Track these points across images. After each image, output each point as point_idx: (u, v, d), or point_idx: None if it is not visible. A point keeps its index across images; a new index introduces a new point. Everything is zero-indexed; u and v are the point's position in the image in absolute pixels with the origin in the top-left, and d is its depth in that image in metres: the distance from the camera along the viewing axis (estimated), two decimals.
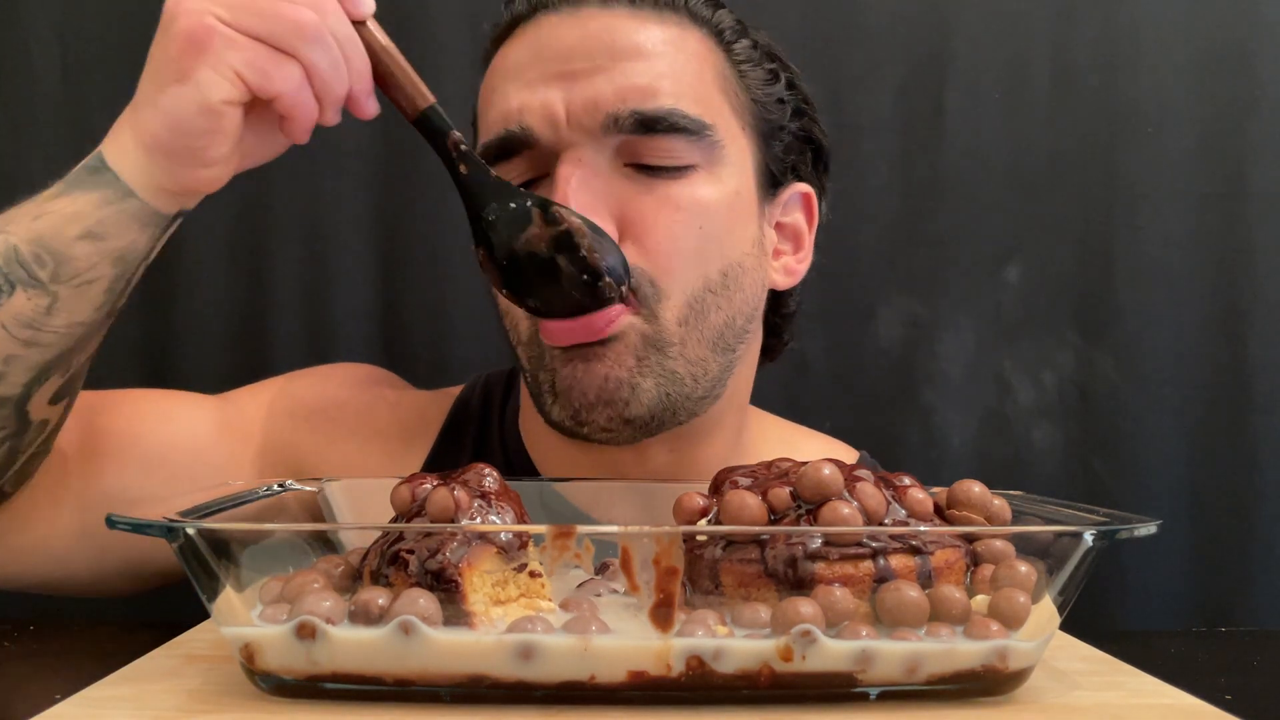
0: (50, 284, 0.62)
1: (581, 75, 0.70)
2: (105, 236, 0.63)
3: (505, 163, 0.73)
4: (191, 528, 0.47)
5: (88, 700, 0.48)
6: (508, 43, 0.76)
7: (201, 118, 0.60)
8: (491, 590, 0.51)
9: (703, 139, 0.71)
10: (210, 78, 0.59)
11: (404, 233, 1.17)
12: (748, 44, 0.77)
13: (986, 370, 1.16)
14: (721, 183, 0.73)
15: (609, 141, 0.71)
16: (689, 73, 0.73)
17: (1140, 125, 1.16)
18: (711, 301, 0.72)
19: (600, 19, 0.72)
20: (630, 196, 0.71)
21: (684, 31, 0.74)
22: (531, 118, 0.71)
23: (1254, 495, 1.15)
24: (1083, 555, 0.49)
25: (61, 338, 0.64)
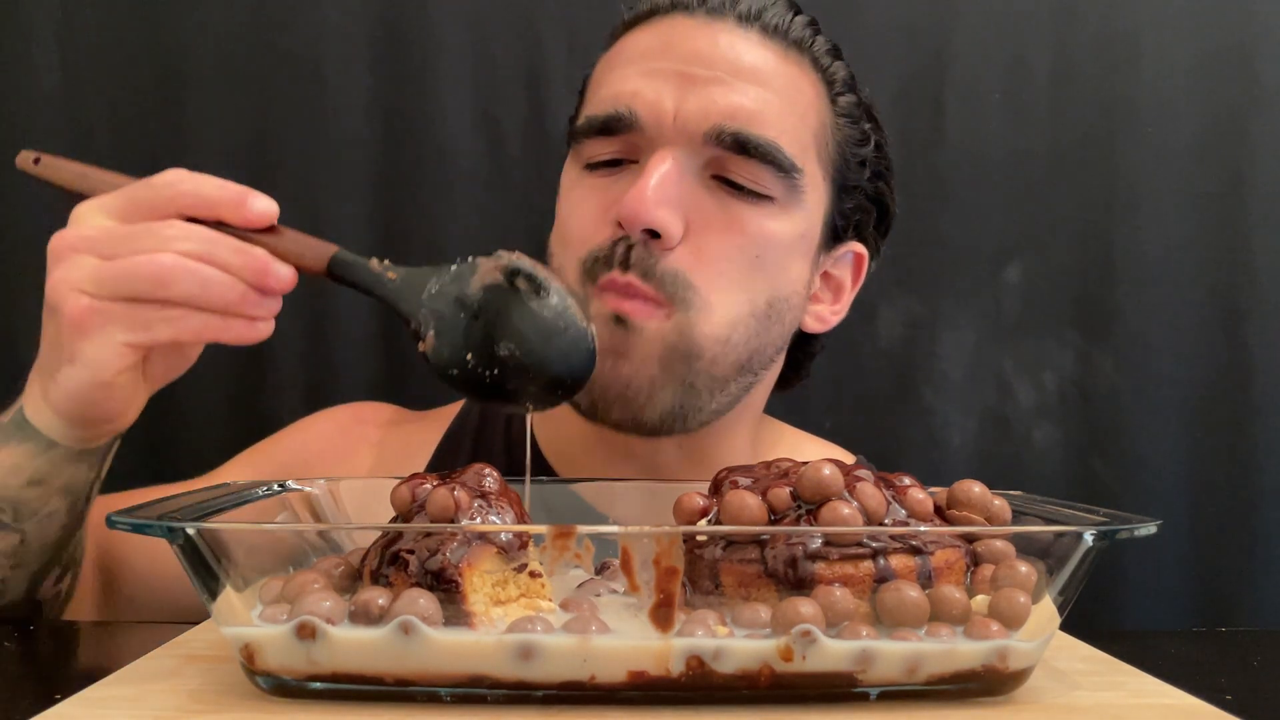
0: (15, 524, 0.67)
1: (700, 81, 0.73)
2: (46, 479, 0.66)
3: (602, 139, 0.75)
4: (191, 528, 0.47)
5: (88, 700, 0.48)
6: (639, 29, 0.78)
7: (97, 391, 0.61)
8: (491, 590, 0.51)
9: (789, 178, 0.74)
10: (97, 356, 0.60)
11: (404, 233, 1.17)
12: (852, 100, 0.81)
13: (986, 370, 1.16)
14: (792, 222, 0.76)
15: (705, 151, 0.73)
16: (796, 114, 0.76)
17: (1140, 125, 1.16)
18: (752, 327, 0.75)
19: (732, 35, 0.75)
20: (705, 207, 0.73)
21: (803, 73, 0.78)
22: (641, 106, 0.73)
23: (1254, 495, 1.15)
24: (1083, 555, 0.49)
25: (39, 555, 0.69)
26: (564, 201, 0.79)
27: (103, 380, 0.61)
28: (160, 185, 0.60)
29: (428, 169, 1.16)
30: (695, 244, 0.72)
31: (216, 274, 0.58)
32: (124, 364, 0.60)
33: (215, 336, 0.60)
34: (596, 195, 0.75)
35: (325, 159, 1.15)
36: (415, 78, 1.15)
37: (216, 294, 0.58)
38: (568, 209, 0.78)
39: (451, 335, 0.58)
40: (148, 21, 1.15)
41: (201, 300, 0.59)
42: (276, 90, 1.15)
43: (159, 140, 1.15)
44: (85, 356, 0.60)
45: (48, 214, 1.15)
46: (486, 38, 1.15)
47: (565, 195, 0.79)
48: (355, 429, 0.93)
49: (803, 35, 0.78)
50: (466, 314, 0.58)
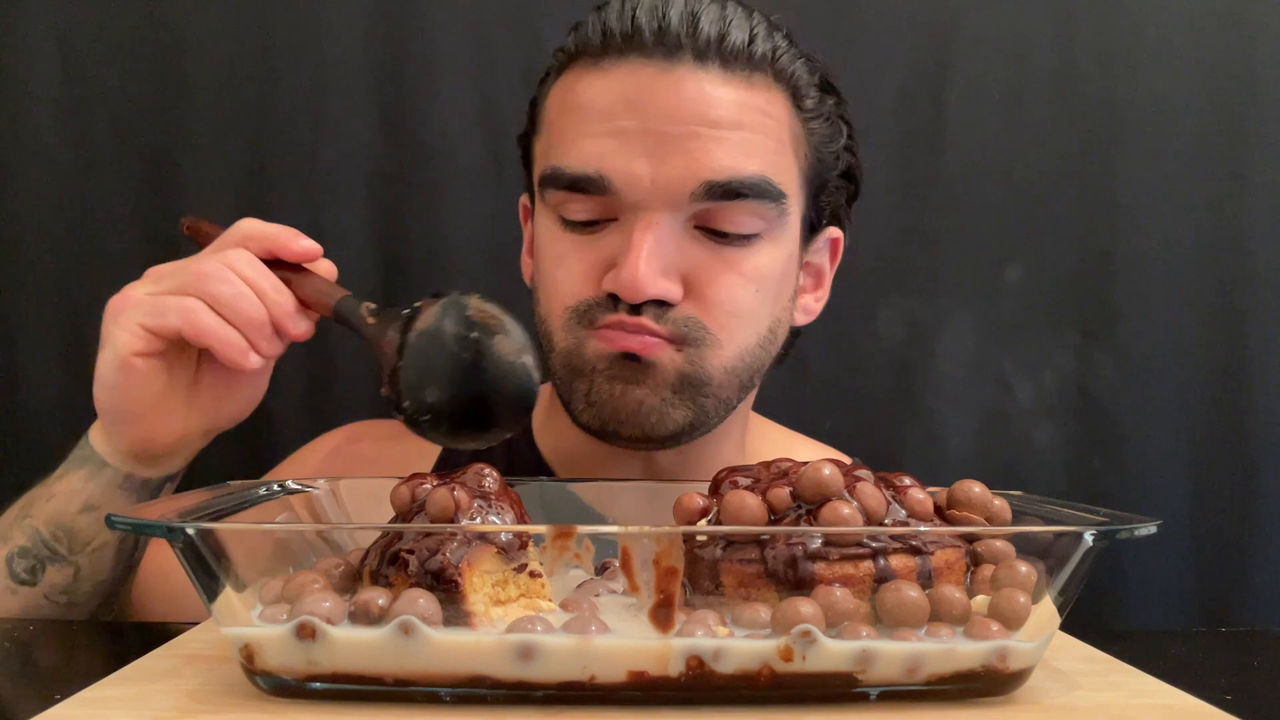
0: (70, 556, 0.71)
1: (672, 140, 0.71)
2: (98, 506, 0.70)
3: (573, 195, 0.74)
4: (191, 528, 0.47)
5: (88, 700, 0.48)
6: (593, 71, 0.75)
7: (117, 373, 0.66)
8: (491, 590, 0.51)
9: (777, 207, 0.74)
10: (119, 336, 0.66)
11: (404, 233, 1.17)
12: (815, 97, 0.79)
13: (986, 370, 1.16)
14: (780, 248, 0.76)
15: (690, 208, 0.72)
16: (772, 141, 0.74)
17: (1140, 125, 1.16)
18: (759, 353, 0.77)
19: (695, 82, 0.72)
20: (698, 259, 0.73)
21: (770, 94, 0.75)
22: (614, 174, 0.71)
23: (1254, 495, 1.15)
24: (1083, 555, 0.49)
25: (92, 596, 0.73)
26: (545, 253, 0.77)
27: (120, 359, 0.65)
28: (233, 229, 0.68)
29: (428, 169, 1.16)
30: (697, 295, 0.73)
31: (249, 291, 0.64)
32: (139, 345, 0.65)
33: (216, 344, 0.64)
34: (581, 253, 0.74)
35: (325, 159, 1.15)
36: (415, 78, 1.15)
37: (241, 307, 0.64)
38: (550, 262, 0.76)
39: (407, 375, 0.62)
40: (148, 21, 1.15)
41: (227, 307, 0.64)
42: (276, 90, 1.15)
43: (159, 140, 1.15)
44: (111, 338, 0.66)
45: (47, 213, 1.15)
46: (486, 38, 1.15)
47: (546, 246, 0.77)
48: (349, 449, 0.93)
49: (764, 50, 0.74)
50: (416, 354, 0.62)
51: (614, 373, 0.73)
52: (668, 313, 0.72)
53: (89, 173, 1.14)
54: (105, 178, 1.14)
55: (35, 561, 0.70)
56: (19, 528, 0.72)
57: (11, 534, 0.72)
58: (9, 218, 1.14)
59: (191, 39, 1.14)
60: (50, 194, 1.15)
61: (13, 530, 0.72)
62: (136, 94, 1.14)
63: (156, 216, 1.14)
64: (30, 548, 0.71)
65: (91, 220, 1.14)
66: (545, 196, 0.76)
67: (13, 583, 0.71)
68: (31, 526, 0.71)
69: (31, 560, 0.70)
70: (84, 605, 0.73)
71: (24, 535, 0.71)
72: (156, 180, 1.15)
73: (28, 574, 0.71)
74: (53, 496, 0.71)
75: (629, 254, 0.70)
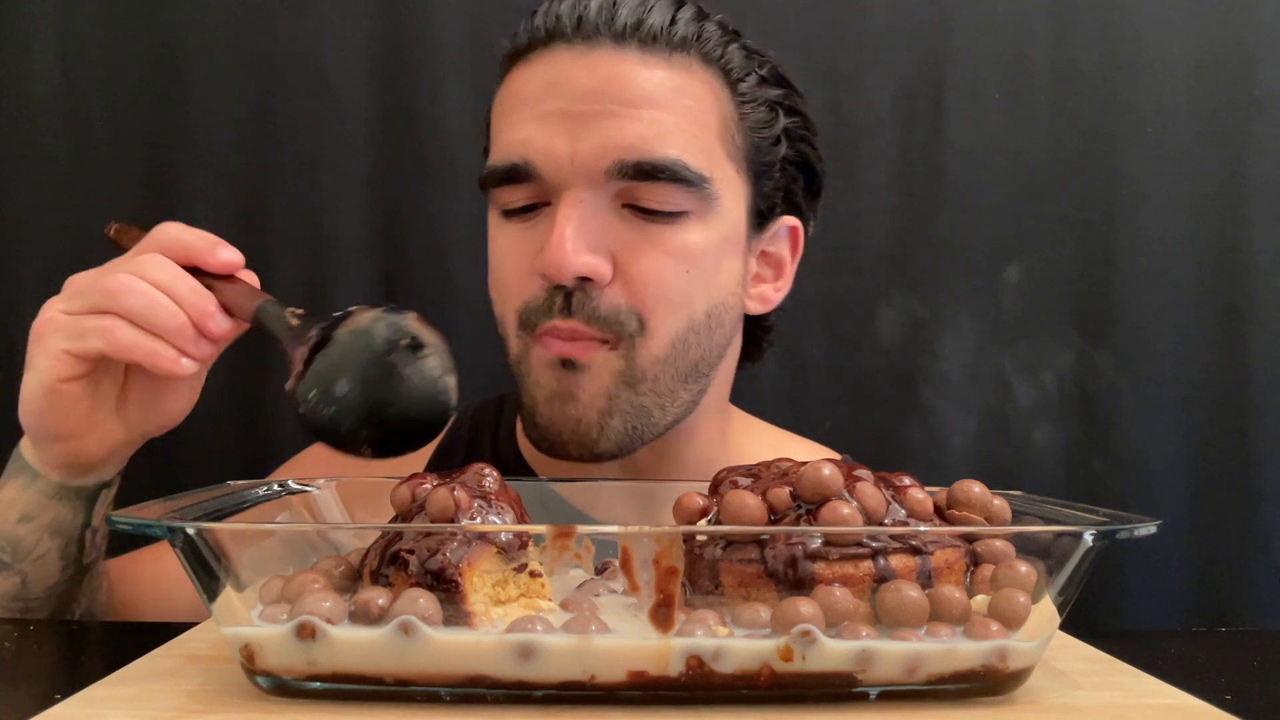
0: (15, 564, 0.71)
1: (589, 119, 0.72)
2: (35, 516, 0.70)
3: (508, 187, 0.75)
4: (191, 528, 0.47)
5: (88, 700, 0.48)
6: (522, 65, 0.77)
7: (43, 398, 0.66)
8: (491, 590, 0.51)
9: (700, 189, 0.73)
10: (43, 362, 0.65)
11: (404, 233, 1.17)
12: (753, 82, 0.78)
13: (986, 370, 1.16)
14: (712, 229, 0.75)
15: (610, 185, 0.73)
16: (693, 122, 0.74)
17: (1140, 125, 1.16)
18: (693, 340, 0.75)
19: (611, 62, 0.73)
20: (625, 238, 0.73)
21: (691, 75, 0.75)
22: (537, 155, 0.72)
23: (1254, 495, 1.15)
24: (1083, 555, 0.49)
25: (45, 600, 0.73)
26: (491, 250, 0.79)
27: (46, 386, 0.65)
28: (151, 235, 0.67)
29: (428, 169, 1.16)
30: (625, 275, 0.73)
31: (164, 299, 0.63)
32: (64, 371, 0.64)
33: (142, 358, 0.63)
34: (518, 245, 0.75)
35: (325, 159, 1.15)
36: (415, 78, 1.15)
37: (159, 317, 0.63)
38: (496, 259, 0.78)
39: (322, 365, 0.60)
40: (148, 21, 1.15)
41: (143, 318, 0.63)
42: (276, 90, 1.15)
43: (159, 140, 1.15)
44: (35, 363, 0.65)
45: (47, 213, 1.15)
46: (486, 38, 1.15)
47: (491, 243, 0.79)
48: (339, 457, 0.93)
49: (686, 34, 0.75)
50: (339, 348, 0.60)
51: (552, 390, 0.74)
52: (598, 305, 0.72)
53: (89, 173, 1.14)
54: (105, 178, 1.14)
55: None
56: None
57: None
58: (9, 217, 1.14)
59: (191, 39, 1.14)
60: (50, 194, 1.15)
61: None
62: (136, 94, 1.14)
63: (156, 216, 1.14)
64: None
65: (91, 220, 1.14)
66: (488, 196, 0.77)
67: None
68: None
69: None
70: (40, 609, 0.73)
71: None
72: (156, 180, 1.15)
73: None
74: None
75: (554, 233, 0.71)
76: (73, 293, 0.66)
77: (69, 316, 0.64)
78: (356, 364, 0.59)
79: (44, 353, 0.65)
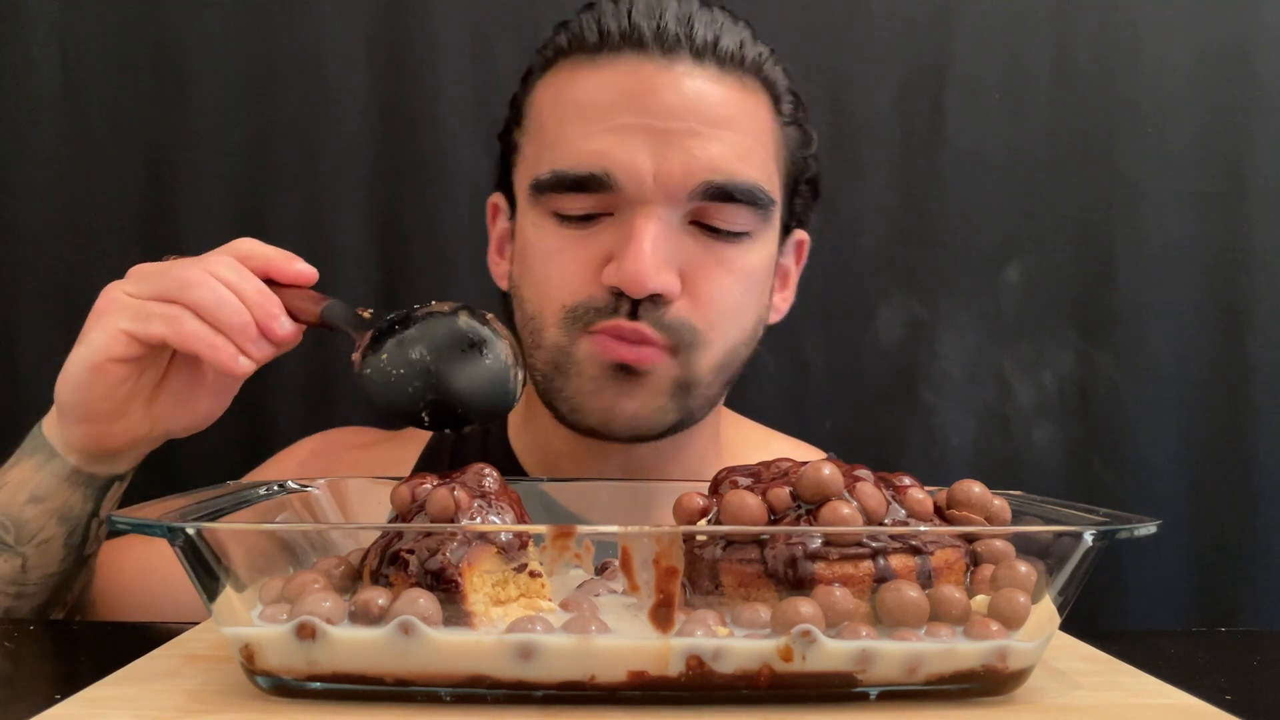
0: (17, 546, 0.70)
1: (673, 137, 0.72)
2: (45, 498, 0.70)
3: (573, 195, 0.74)
4: (191, 528, 0.47)
5: (88, 700, 0.48)
6: (588, 68, 0.76)
7: (88, 373, 0.66)
8: (491, 590, 0.51)
9: (766, 211, 0.76)
10: (98, 338, 0.65)
11: (404, 233, 1.17)
12: (792, 104, 0.80)
13: (986, 370, 1.16)
14: (766, 248, 0.78)
15: (687, 204, 0.74)
16: (760, 145, 0.76)
17: (1140, 125, 1.16)
18: (742, 351, 0.79)
19: (693, 80, 0.74)
20: (694, 256, 0.75)
21: (758, 99, 0.77)
22: (617, 169, 0.72)
23: (1254, 495, 1.15)
24: (1083, 555, 0.49)
25: (41, 589, 0.72)
26: (535, 249, 0.77)
27: (95, 362, 0.65)
28: (227, 245, 0.68)
29: (428, 169, 1.16)
30: (691, 291, 0.74)
31: (232, 297, 0.64)
32: (118, 350, 0.64)
33: (203, 350, 0.64)
34: (574, 249, 0.75)
35: (325, 159, 1.15)
36: (415, 78, 1.15)
37: (224, 313, 0.63)
38: (541, 259, 0.77)
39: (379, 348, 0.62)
40: (148, 21, 1.15)
41: (210, 312, 0.64)
42: (276, 90, 1.15)
43: (159, 140, 1.14)
44: (89, 338, 0.65)
45: (47, 213, 1.15)
46: (486, 38, 1.15)
47: (537, 243, 0.77)
48: (328, 454, 0.94)
49: (752, 55, 0.76)
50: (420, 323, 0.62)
51: (604, 383, 0.74)
52: (664, 315, 0.73)
53: (89, 173, 1.14)
54: (105, 178, 1.14)
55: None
56: None
57: None
58: (9, 217, 1.14)
59: (191, 39, 1.14)
60: (50, 194, 1.15)
61: None
62: (136, 94, 1.14)
63: (156, 216, 1.14)
64: None
65: (91, 220, 1.14)
66: (539, 197, 0.76)
67: None
68: None
69: None
70: (33, 598, 0.72)
71: None
72: (156, 180, 1.15)
73: None
74: (3, 485, 0.70)
75: (632, 247, 0.71)
76: (141, 277, 0.66)
77: (135, 299, 0.65)
78: (432, 338, 0.62)
79: (102, 329, 0.65)
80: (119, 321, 0.64)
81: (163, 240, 1.13)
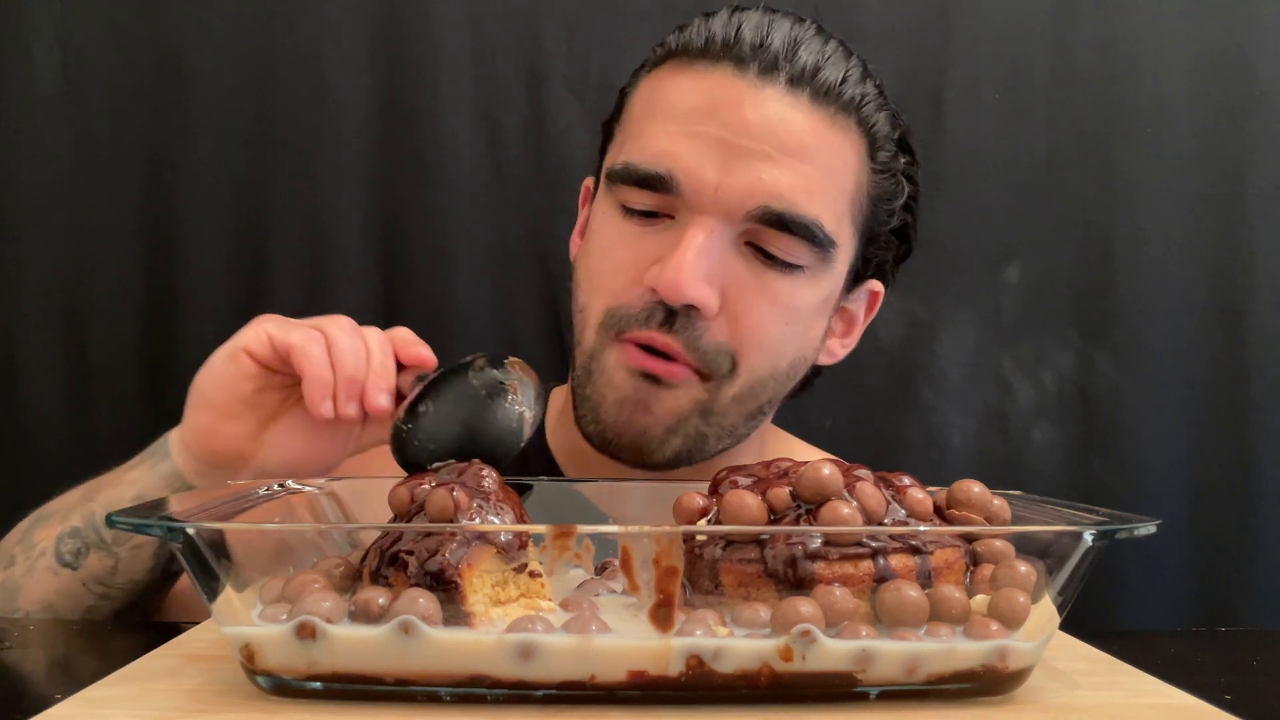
0: (113, 546, 0.71)
1: (743, 155, 0.72)
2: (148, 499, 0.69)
3: (639, 190, 0.75)
4: (191, 528, 0.47)
5: (88, 700, 0.48)
6: (686, 71, 0.76)
7: (225, 360, 0.68)
8: (491, 590, 0.51)
9: (824, 252, 0.75)
10: (246, 332, 0.68)
11: (404, 233, 1.17)
12: (889, 151, 0.79)
13: (986, 370, 1.16)
14: (819, 288, 0.77)
15: (743, 224, 0.73)
16: (835, 185, 0.75)
17: (1140, 125, 1.16)
18: (770, 385, 0.78)
19: (780, 105, 0.73)
20: (740, 276, 0.74)
21: (845, 138, 0.76)
22: (682, 173, 0.73)
23: (1254, 495, 1.15)
24: (1082, 555, 0.49)
25: (126, 593, 0.72)
26: (597, 238, 0.79)
27: (234, 349, 0.67)
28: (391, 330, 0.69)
29: (428, 169, 1.16)
30: (731, 312, 0.74)
31: (363, 352, 0.66)
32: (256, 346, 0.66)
33: (310, 375, 0.65)
34: (630, 245, 0.76)
35: (325, 159, 1.15)
36: (415, 78, 1.15)
37: (345, 360, 0.65)
38: (601, 250, 0.78)
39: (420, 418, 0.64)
40: (148, 20, 1.15)
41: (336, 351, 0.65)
42: (276, 90, 1.15)
43: (159, 140, 1.14)
44: (237, 335, 0.67)
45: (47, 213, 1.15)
46: (486, 38, 1.15)
47: (599, 230, 0.78)
48: None
49: (853, 95, 0.75)
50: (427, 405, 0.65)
51: (626, 395, 0.75)
52: (699, 337, 0.73)
53: (89, 173, 1.14)
54: (105, 178, 1.14)
55: (82, 545, 0.70)
56: (80, 509, 0.72)
57: (71, 514, 0.72)
58: (9, 217, 1.14)
59: (191, 38, 1.14)
60: (50, 194, 1.15)
61: (73, 510, 0.72)
62: (136, 94, 1.14)
63: (156, 216, 1.14)
64: (82, 529, 0.71)
65: (91, 220, 1.14)
66: (611, 186, 0.77)
67: (57, 563, 0.71)
68: (89, 510, 0.71)
69: (79, 543, 0.70)
70: (115, 602, 0.72)
71: (80, 517, 0.71)
72: (156, 180, 1.15)
73: (71, 556, 0.70)
74: (119, 484, 0.71)
75: (676, 253, 0.72)
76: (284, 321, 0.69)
77: (287, 320, 0.68)
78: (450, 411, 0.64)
79: (250, 327, 0.68)
80: (266, 324, 0.67)
81: (163, 240, 1.14)
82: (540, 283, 1.16)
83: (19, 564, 0.72)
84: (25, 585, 0.71)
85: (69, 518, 0.72)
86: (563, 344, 1.17)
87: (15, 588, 0.71)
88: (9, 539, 0.75)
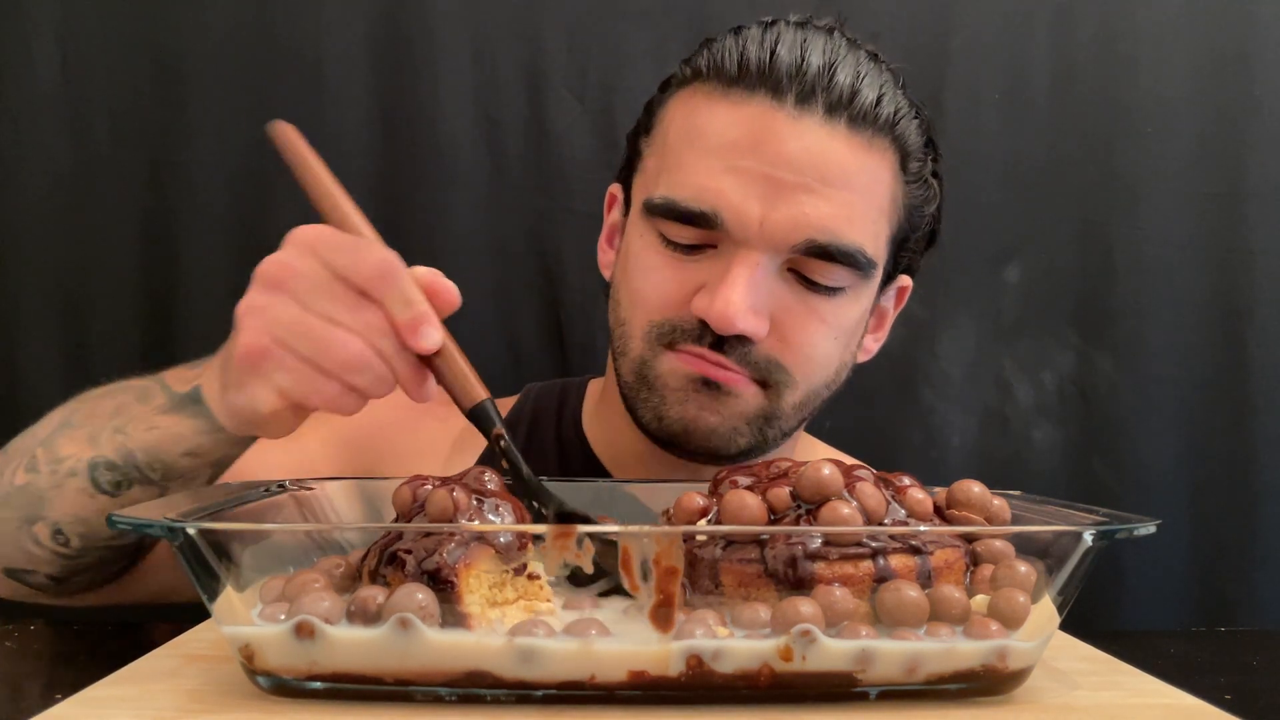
0: (161, 482, 0.69)
1: (787, 190, 0.73)
2: (203, 454, 0.69)
3: (682, 225, 0.75)
4: (192, 528, 0.47)
5: (88, 700, 0.48)
6: (723, 102, 0.75)
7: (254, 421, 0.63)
8: (488, 592, 0.51)
9: (866, 273, 0.77)
10: (259, 393, 0.61)
11: (404, 233, 1.16)
12: (920, 160, 0.80)
13: (986, 370, 1.16)
14: (862, 302, 0.80)
15: (788, 255, 0.74)
16: (873, 207, 0.76)
17: (1140, 125, 1.16)
18: (824, 392, 0.81)
19: (819, 135, 0.74)
20: (787, 303, 0.76)
21: (882, 158, 0.77)
22: (727, 211, 0.73)
23: (1254, 495, 1.15)
24: (1082, 555, 0.49)
25: None
26: (637, 262, 0.79)
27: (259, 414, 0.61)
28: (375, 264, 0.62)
29: (428, 169, 1.16)
30: (780, 334, 0.76)
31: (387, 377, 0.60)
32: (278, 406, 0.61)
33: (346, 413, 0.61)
34: (674, 273, 0.76)
35: (325, 159, 1.15)
36: (415, 78, 1.15)
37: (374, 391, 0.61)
38: (642, 275, 0.78)
39: None
40: (148, 20, 1.15)
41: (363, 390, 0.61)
42: (276, 90, 1.15)
43: (159, 140, 1.14)
44: (250, 389, 0.61)
45: (47, 213, 1.15)
46: (486, 38, 1.15)
47: (640, 255, 0.78)
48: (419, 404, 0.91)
49: (887, 114, 0.76)
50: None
51: (688, 394, 0.76)
52: (750, 353, 0.75)
53: (89, 173, 1.14)
54: (105, 178, 1.14)
55: (123, 478, 0.69)
56: (110, 440, 0.69)
57: (100, 440, 0.70)
58: (9, 217, 1.14)
59: (191, 38, 1.14)
60: (50, 194, 1.15)
61: (102, 437, 0.70)
62: (136, 94, 1.14)
63: (156, 216, 1.14)
64: (120, 464, 0.69)
65: (91, 220, 1.14)
66: (650, 216, 0.77)
67: (93, 488, 0.69)
68: (126, 448, 0.69)
69: (119, 476, 0.69)
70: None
71: (115, 451, 0.69)
72: (156, 180, 1.15)
73: (111, 487, 0.69)
74: (154, 428, 0.68)
75: (724, 288, 0.73)
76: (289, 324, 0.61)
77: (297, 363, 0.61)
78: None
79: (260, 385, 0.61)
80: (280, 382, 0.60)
81: (163, 240, 1.14)
82: (540, 283, 1.17)
83: (43, 472, 0.70)
84: (52, 498, 0.69)
85: (98, 442, 0.69)
86: (563, 344, 1.17)
87: (40, 497, 0.70)
88: (28, 435, 0.73)
